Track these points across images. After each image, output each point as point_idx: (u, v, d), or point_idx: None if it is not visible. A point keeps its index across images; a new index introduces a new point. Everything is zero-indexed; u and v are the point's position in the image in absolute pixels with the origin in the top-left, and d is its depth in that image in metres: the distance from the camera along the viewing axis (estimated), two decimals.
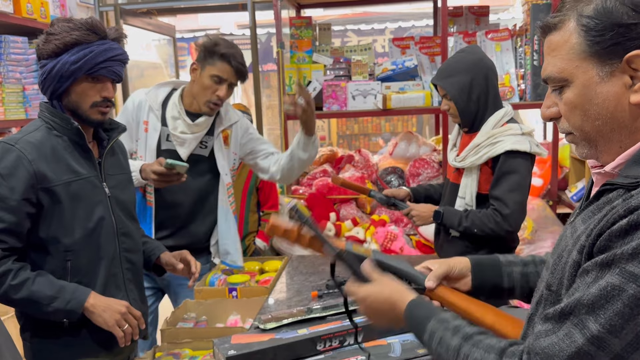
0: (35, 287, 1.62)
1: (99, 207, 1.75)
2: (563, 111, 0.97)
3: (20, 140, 1.65)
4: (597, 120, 0.93)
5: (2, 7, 2.88)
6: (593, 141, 0.96)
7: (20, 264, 1.64)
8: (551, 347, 0.87)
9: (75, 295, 1.66)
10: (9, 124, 2.96)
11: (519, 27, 3.77)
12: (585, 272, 0.88)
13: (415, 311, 1.12)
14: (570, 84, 0.94)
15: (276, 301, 2.18)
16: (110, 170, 1.83)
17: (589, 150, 0.98)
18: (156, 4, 4.71)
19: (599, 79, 0.91)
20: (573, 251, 0.93)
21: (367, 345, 1.64)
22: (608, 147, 0.95)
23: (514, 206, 2.16)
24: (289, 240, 1.35)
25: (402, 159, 3.88)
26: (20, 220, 1.61)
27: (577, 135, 0.97)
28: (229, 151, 2.54)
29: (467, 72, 2.23)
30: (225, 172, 2.49)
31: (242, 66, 2.38)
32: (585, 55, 0.91)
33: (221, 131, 2.48)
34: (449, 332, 1.03)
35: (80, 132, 1.71)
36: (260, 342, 1.59)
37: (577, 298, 0.87)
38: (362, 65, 3.65)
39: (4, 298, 1.63)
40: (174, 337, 1.91)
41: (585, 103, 0.93)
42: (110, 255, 1.79)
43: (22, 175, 1.60)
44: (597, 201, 0.95)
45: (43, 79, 1.67)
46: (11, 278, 1.60)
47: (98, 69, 1.66)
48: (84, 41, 1.64)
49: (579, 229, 0.95)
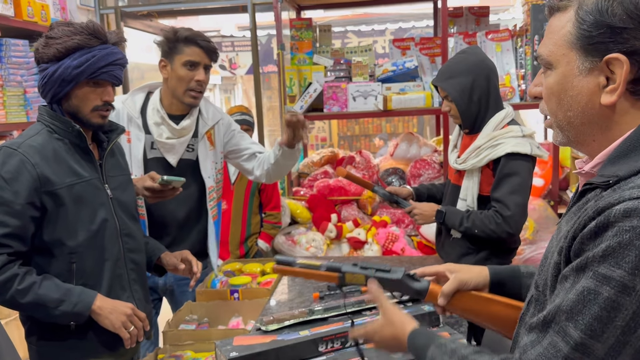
0: (42, 291, 1.62)
1: (101, 209, 1.76)
2: (544, 93, 1.00)
3: (23, 144, 1.65)
4: (568, 110, 0.95)
5: (2, 10, 2.89)
6: (564, 130, 0.98)
7: (26, 268, 1.64)
8: (539, 358, 0.88)
9: (82, 298, 1.67)
10: (10, 127, 2.96)
11: (519, 28, 3.77)
12: (564, 278, 0.89)
13: (416, 341, 1.17)
14: (554, 69, 0.96)
15: (278, 303, 2.18)
16: (111, 171, 1.84)
17: (562, 138, 1.00)
18: (156, 7, 4.72)
19: (578, 72, 0.92)
20: (555, 252, 0.94)
21: (369, 347, 1.64)
22: (580, 139, 0.97)
23: (515, 208, 2.16)
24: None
25: (403, 159, 3.88)
26: (24, 224, 1.62)
27: (552, 120, 1.00)
28: (216, 151, 2.48)
29: (468, 74, 2.22)
30: (208, 175, 2.42)
31: (210, 43, 2.30)
32: (572, 46, 0.92)
33: (205, 132, 2.42)
34: (446, 356, 1.06)
35: (82, 134, 1.72)
36: (262, 343, 1.59)
37: (557, 305, 0.87)
38: (362, 67, 3.65)
39: (11, 302, 1.64)
40: (176, 339, 1.91)
41: (561, 92, 0.95)
42: (114, 256, 1.80)
43: (26, 179, 1.61)
44: (579, 202, 0.96)
45: (44, 83, 1.68)
46: (17, 282, 1.60)
47: (100, 74, 1.67)
48: (85, 45, 1.65)
49: (562, 229, 0.96)
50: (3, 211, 1.59)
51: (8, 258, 1.60)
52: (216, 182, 2.50)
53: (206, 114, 2.44)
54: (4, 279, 1.59)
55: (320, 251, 3.32)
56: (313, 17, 4.20)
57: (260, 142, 4.50)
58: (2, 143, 1.73)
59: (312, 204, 3.61)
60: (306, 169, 4.14)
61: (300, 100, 3.56)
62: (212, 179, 2.44)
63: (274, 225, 3.46)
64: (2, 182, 1.60)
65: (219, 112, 2.52)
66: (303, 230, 3.50)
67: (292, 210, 3.62)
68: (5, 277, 1.59)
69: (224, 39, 8.71)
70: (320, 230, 3.44)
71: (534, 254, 3.25)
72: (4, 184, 1.60)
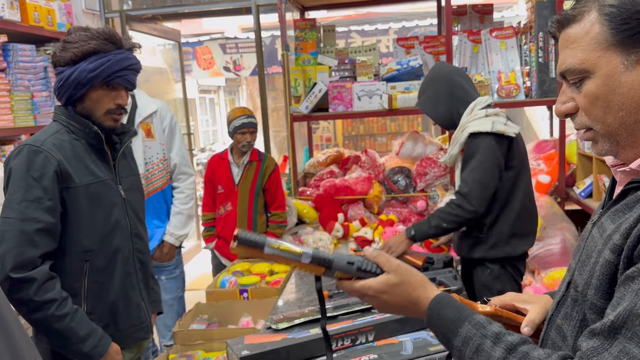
0: (73, 324, 1.65)
1: (115, 209, 1.80)
2: (583, 104, 0.94)
3: (45, 142, 1.69)
4: (620, 111, 0.90)
5: (9, 15, 2.91)
6: (614, 135, 0.92)
7: (65, 294, 1.66)
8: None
9: (101, 343, 1.70)
10: (18, 131, 2.99)
11: (524, 25, 3.77)
12: (630, 279, 0.82)
13: (442, 311, 1.01)
14: (592, 75, 0.91)
15: (287, 302, 2.19)
16: (123, 172, 1.88)
17: (609, 146, 0.94)
18: (161, 10, 4.74)
19: (623, 67, 0.89)
20: (604, 251, 0.88)
21: (379, 344, 1.65)
22: (631, 141, 0.92)
23: (473, 184, 2.25)
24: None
25: (409, 158, 3.88)
26: (55, 220, 1.65)
27: (598, 129, 0.94)
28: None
29: (427, 87, 2.45)
30: (139, 163, 2.56)
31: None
32: (608, 44, 0.89)
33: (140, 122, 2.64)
34: (488, 341, 0.94)
35: (99, 135, 1.75)
36: (273, 342, 1.60)
37: (628, 309, 0.79)
38: (367, 66, 3.65)
39: (41, 323, 1.65)
40: (187, 339, 1.93)
41: (609, 93, 0.90)
42: (125, 255, 1.83)
43: (52, 175, 1.65)
44: (624, 200, 0.91)
45: (60, 86, 1.71)
46: (55, 308, 1.62)
47: (114, 77, 1.71)
48: (101, 50, 1.69)
49: (608, 228, 0.91)
50: (34, 207, 1.62)
51: (50, 274, 1.63)
52: (157, 169, 2.79)
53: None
54: (46, 300, 1.61)
55: (328, 250, 3.33)
56: (317, 18, 4.21)
57: (266, 143, 4.51)
58: (22, 142, 1.76)
59: (319, 204, 3.62)
60: (312, 169, 4.15)
61: (305, 101, 3.57)
62: (141, 166, 2.66)
63: (279, 225, 3.47)
64: (32, 181, 1.63)
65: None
66: (310, 230, 3.51)
67: (299, 210, 3.63)
68: (47, 298, 1.61)
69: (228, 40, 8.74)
70: (327, 230, 3.45)
71: (541, 251, 3.25)
72: (34, 182, 1.63)
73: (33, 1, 3.10)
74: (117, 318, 1.80)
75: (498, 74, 3.52)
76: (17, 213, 1.61)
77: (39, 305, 1.60)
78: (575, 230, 3.42)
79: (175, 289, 3.05)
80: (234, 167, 3.47)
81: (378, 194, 3.62)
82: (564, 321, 0.98)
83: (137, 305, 1.85)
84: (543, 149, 4.11)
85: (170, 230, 2.93)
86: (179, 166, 2.98)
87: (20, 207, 1.61)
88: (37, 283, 1.59)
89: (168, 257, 2.93)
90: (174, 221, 2.95)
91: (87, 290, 1.74)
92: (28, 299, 1.59)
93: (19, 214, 1.61)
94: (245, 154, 3.46)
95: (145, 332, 1.89)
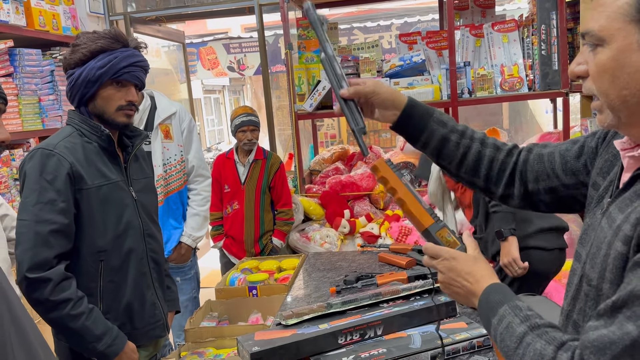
0: (88, 323, 1.68)
1: (127, 210, 1.82)
2: (592, 71, 0.92)
3: (58, 145, 1.72)
4: (624, 89, 0.88)
5: (15, 20, 2.94)
6: (616, 110, 0.90)
7: (80, 294, 1.69)
8: (601, 338, 0.81)
9: (117, 342, 1.73)
10: (26, 135, 3.02)
11: (525, 18, 3.77)
12: (637, 265, 0.82)
13: (490, 297, 1.07)
14: (606, 45, 0.89)
15: (295, 298, 2.21)
16: (134, 175, 1.90)
17: (611, 120, 0.92)
18: (165, 12, 4.76)
19: (637, 46, 0.86)
20: (615, 242, 0.88)
21: (388, 338, 1.67)
22: (632, 120, 0.90)
23: None
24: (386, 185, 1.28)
25: (413, 153, 3.90)
26: (69, 221, 1.68)
27: (602, 101, 0.92)
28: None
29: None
30: (157, 164, 2.61)
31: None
32: (631, 18, 0.86)
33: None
34: (517, 319, 0.98)
35: (111, 138, 1.78)
36: (282, 337, 1.63)
37: (630, 290, 0.81)
38: (370, 63, 3.67)
39: (57, 323, 1.68)
40: (197, 336, 1.95)
41: (617, 69, 0.88)
42: (139, 255, 1.85)
43: (65, 178, 1.68)
44: (632, 187, 0.90)
45: (71, 87, 1.76)
46: (71, 307, 1.65)
47: (122, 73, 1.74)
48: (108, 48, 1.73)
49: (617, 218, 0.90)
50: (48, 209, 1.65)
51: (65, 274, 1.66)
52: (173, 171, 2.78)
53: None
54: (61, 299, 1.64)
55: (335, 247, 3.35)
56: None
57: (271, 141, 4.53)
58: (36, 145, 1.79)
59: (325, 201, 3.64)
60: (317, 166, 4.17)
61: (309, 99, 3.59)
62: (160, 167, 2.74)
63: (286, 222, 3.50)
64: (45, 184, 1.66)
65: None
66: (317, 227, 3.54)
67: (305, 207, 3.66)
68: (62, 298, 1.64)
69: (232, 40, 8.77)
70: (334, 226, 3.47)
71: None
72: (47, 185, 1.66)
73: (38, 6, 3.13)
74: (133, 317, 1.83)
75: (501, 68, 3.53)
76: (32, 215, 1.64)
77: (54, 305, 1.63)
78: (580, 221, 3.43)
79: (190, 289, 3.07)
80: (239, 166, 3.50)
81: (383, 190, 3.64)
82: (579, 316, 0.98)
83: (153, 304, 1.88)
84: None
85: (187, 231, 2.93)
86: (197, 168, 2.97)
87: (34, 210, 1.64)
88: (53, 283, 1.62)
89: (185, 258, 2.95)
90: (191, 223, 2.95)
91: (102, 290, 1.77)
92: (44, 298, 1.62)
93: (33, 216, 1.64)
94: (251, 152, 3.49)
95: (162, 330, 1.91)
